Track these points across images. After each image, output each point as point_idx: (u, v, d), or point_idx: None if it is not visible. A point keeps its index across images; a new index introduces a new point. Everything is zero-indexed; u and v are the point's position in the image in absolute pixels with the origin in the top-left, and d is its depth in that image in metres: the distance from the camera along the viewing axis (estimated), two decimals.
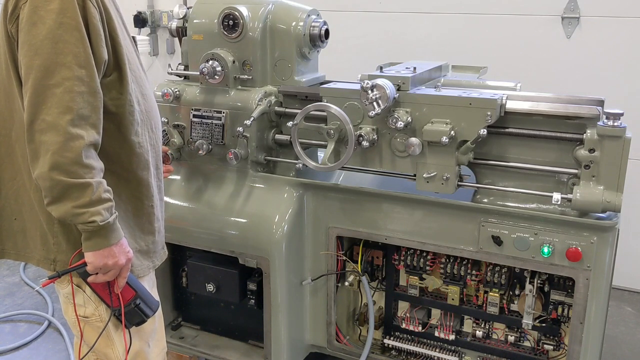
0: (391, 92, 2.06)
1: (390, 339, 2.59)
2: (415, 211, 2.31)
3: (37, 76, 1.43)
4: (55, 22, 1.44)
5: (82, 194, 1.44)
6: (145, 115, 1.68)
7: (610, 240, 2.05)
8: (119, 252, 1.55)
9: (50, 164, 1.41)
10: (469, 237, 2.22)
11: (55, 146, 1.41)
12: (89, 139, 1.46)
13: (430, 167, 2.14)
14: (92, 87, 1.48)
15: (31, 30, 1.44)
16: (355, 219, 2.41)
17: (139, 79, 1.68)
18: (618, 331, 3.26)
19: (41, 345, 3.07)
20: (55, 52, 1.43)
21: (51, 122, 1.42)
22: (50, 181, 1.42)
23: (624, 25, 3.37)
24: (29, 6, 1.45)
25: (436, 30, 3.79)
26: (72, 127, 1.43)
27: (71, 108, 1.43)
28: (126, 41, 1.65)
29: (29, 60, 1.44)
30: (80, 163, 1.43)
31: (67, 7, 1.45)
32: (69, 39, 1.45)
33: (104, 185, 1.50)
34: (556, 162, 2.11)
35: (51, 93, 1.43)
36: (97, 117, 1.50)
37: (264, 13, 2.43)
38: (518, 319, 2.31)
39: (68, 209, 1.45)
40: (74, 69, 1.44)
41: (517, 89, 2.38)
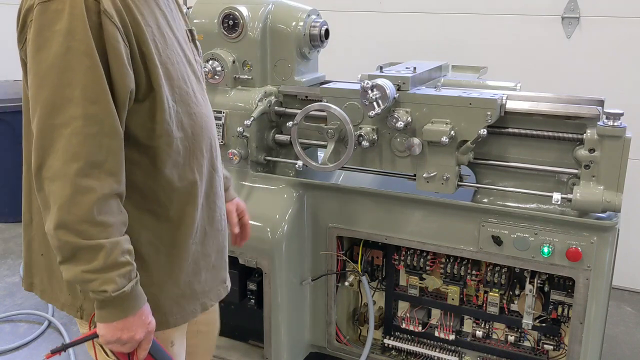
0: (391, 92, 2.06)
1: (390, 339, 2.59)
2: (415, 211, 2.31)
3: (42, 113, 1.21)
4: (62, 47, 1.19)
5: (93, 257, 1.22)
6: (191, 140, 1.42)
7: (610, 240, 2.05)
8: (136, 325, 1.31)
9: (56, 221, 1.21)
10: (469, 237, 2.22)
11: (62, 200, 1.20)
12: (103, 191, 1.22)
13: (430, 167, 2.14)
14: (108, 126, 1.23)
15: (36, 56, 1.22)
16: (355, 219, 2.41)
17: (185, 96, 1.41)
18: (618, 331, 3.26)
19: (41, 345, 3.07)
20: (61, 84, 1.20)
21: (58, 170, 1.20)
22: (57, 240, 1.22)
23: (624, 25, 3.36)
24: (34, 26, 1.22)
25: (436, 30, 3.78)
26: (80, 178, 1.20)
27: (79, 155, 1.20)
28: (168, 50, 1.37)
29: (35, 93, 1.23)
30: (91, 221, 1.21)
31: (76, 28, 1.19)
32: (77, 67, 1.20)
33: (122, 245, 1.27)
34: (556, 162, 2.11)
35: (58, 134, 1.20)
36: (116, 161, 1.25)
37: (264, 13, 2.43)
38: (518, 319, 2.31)
39: (77, 273, 1.24)
40: (83, 105, 1.20)
41: (517, 89, 2.38)
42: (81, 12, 1.20)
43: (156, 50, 1.32)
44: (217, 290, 1.62)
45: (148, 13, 1.33)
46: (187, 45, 1.48)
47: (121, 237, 1.27)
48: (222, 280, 1.64)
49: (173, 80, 1.37)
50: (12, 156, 4.57)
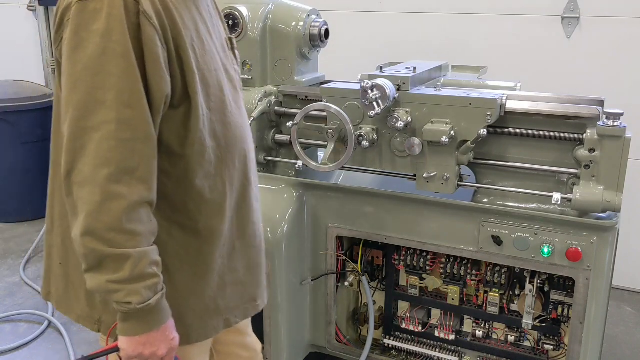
0: (391, 92, 2.06)
1: (390, 339, 2.59)
2: (415, 211, 2.31)
3: (74, 115, 1.17)
4: (98, 48, 1.16)
5: (120, 267, 1.18)
6: (223, 150, 1.37)
7: (610, 240, 2.05)
8: (159, 340, 1.26)
9: (84, 228, 1.16)
10: (469, 237, 2.22)
11: (90, 206, 1.16)
12: (133, 198, 1.18)
13: (430, 167, 2.14)
14: (142, 132, 1.19)
15: (71, 56, 1.18)
16: (355, 219, 2.41)
17: (221, 104, 1.36)
18: (618, 331, 3.26)
19: (41, 345, 3.07)
20: (95, 86, 1.16)
21: (88, 175, 1.16)
22: (83, 248, 1.18)
23: (624, 25, 3.37)
24: (71, 25, 1.18)
25: (436, 30, 3.79)
26: (110, 184, 1.15)
27: (110, 160, 1.16)
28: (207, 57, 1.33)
29: (68, 94, 1.19)
30: (119, 229, 1.16)
31: (114, 28, 1.16)
32: (112, 70, 1.16)
33: (150, 256, 1.22)
34: (556, 162, 2.11)
35: (89, 138, 1.16)
36: (148, 168, 1.21)
37: (264, 13, 2.43)
38: (518, 319, 2.31)
39: (101, 283, 1.19)
40: (117, 109, 1.16)
41: (517, 89, 2.38)
42: (119, 12, 1.17)
43: (194, 56, 1.27)
44: (245, 307, 1.54)
45: (188, 17, 1.28)
46: (225, 54, 1.44)
47: (149, 248, 1.23)
48: (252, 298, 1.55)
49: (209, 87, 1.32)
50: (12, 156, 4.57)
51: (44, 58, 5.15)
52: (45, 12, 5.01)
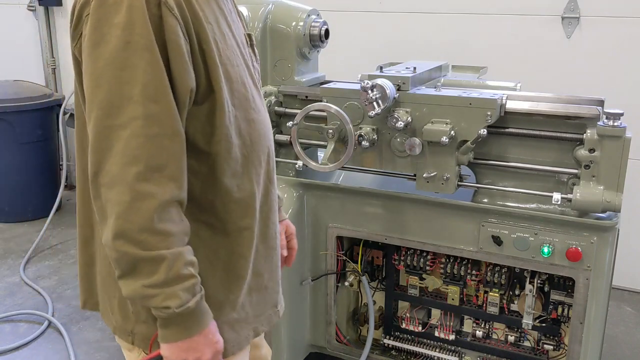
0: (391, 92, 2.06)
1: (390, 339, 2.59)
2: (415, 211, 2.31)
3: (99, 114, 1.11)
4: (120, 41, 1.10)
5: (155, 269, 1.12)
6: (249, 148, 1.31)
7: (610, 240, 2.05)
8: (202, 344, 1.20)
9: (115, 230, 1.10)
10: (469, 237, 2.22)
11: (120, 207, 1.10)
12: (164, 197, 1.12)
13: (430, 167, 2.14)
14: (170, 127, 1.13)
15: (92, 53, 1.12)
16: (355, 219, 2.41)
17: (244, 101, 1.30)
18: (618, 331, 3.26)
19: (41, 345, 3.07)
20: (119, 81, 1.10)
21: (116, 175, 1.10)
22: (115, 252, 1.11)
23: (624, 25, 3.37)
24: (91, 20, 1.12)
25: (436, 30, 3.79)
26: (140, 183, 1.10)
27: (138, 157, 1.10)
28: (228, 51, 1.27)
29: (91, 93, 1.13)
30: (152, 229, 1.10)
31: (136, 20, 1.10)
32: (137, 63, 1.10)
33: (185, 256, 1.15)
34: (556, 162, 2.11)
35: (116, 137, 1.10)
36: (177, 165, 1.15)
37: (264, 13, 2.43)
38: (518, 319, 2.31)
39: (137, 288, 1.13)
40: (143, 104, 1.10)
41: (517, 89, 2.38)
42: (140, 3, 1.11)
43: (216, 49, 1.22)
44: (268, 314, 1.46)
45: (209, 11, 1.23)
46: (245, 50, 1.39)
47: (183, 248, 1.16)
48: (274, 303, 1.48)
49: (232, 82, 1.26)
50: (12, 156, 4.57)
51: (44, 58, 5.15)
52: (45, 12, 5.01)
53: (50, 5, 4.98)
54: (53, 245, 4.21)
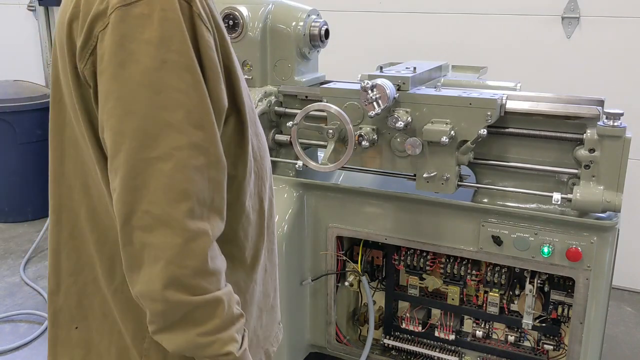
0: (391, 92, 2.06)
1: (390, 339, 2.59)
2: (415, 211, 2.31)
3: (132, 146, 0.94)
4: (155, 61, 0.94)
5: (211, 315, 0.98)
6: (259, 164, 1.20)
7: (610, 240, 2.05)
8: None
9: (166, 279, 0.94)
10: (469, 237, 2.22)
11: (171, 252, 0.94)
12: (214, 232, 0.99)
13: (430, 167, 2.14)
14: (215, 156, 0.99)
15: (118, 75, 0.94)
16: (355, 219, 2.41)
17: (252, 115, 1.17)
18: (618, 331, 3.26)
19: (41, 345, 3.08)
20: (156, 107, 0.94)
21: (159, 215, 0.94)
22: (164, 303, 0.95)
23: (624, 25, 3.37)
24: (111, 35, 0.95)
25: (436, 30, 3.79)
26: (192, 221, 0.95)
27: (188, 192, 0.95)
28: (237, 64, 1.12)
29: (119, 123, 0.95)
30: (206, 271, 0.97)
31: (173, 36, 0.95)
32: (176, 85, 0.95)
33: (233, 295, 1.04)
34: (556, 162, 2.11)
35: (154, 171, 0.94)
36: (221, 197, 1.02)
37: (264, 13, 2.43)
38: (518, 319, 2.31)
39: (190, 339, 0.97)
40: (187, 131, 0.95)
41: (517, 89, 2.38)
42: (176, 15, 0.96)
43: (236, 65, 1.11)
44: (276, 333, 1.38)
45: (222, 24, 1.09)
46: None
47: (229, 285, 1.04)
48: (278, 320, 1.40)
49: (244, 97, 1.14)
50: (11, 156, 4.57)
51: (44, 58, 5.15)
52: (45, 12, 5.02)
53: (50, 5, 4.98)
54: None
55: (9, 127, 4.49)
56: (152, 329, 0.99)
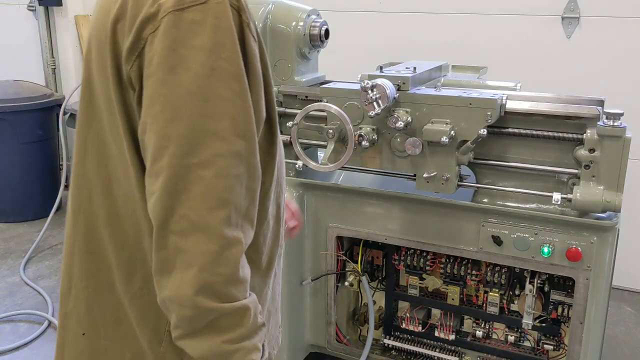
0: (391, 92, 2.06)
1: (390, 338, 2.59)
2: (415, 211, 2.31)
3: (176, 152, 0.94)
4: (205, 67, 0.94)
5: (238, 323, 0.98)
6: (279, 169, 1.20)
7: (610, 240, 2.05)
8: None
9: (198, 285, 0.94)
10: (469, 237, 2.22)
11: (205, 258, 0.94)
12: (246, 241, 1.00)
13: (430, 167, 2.14)
14: (252, 166, 1.01)
15: (167, 80, 0.95)
16: (355, 219, 2.41)
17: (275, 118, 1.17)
18: (618, 331, 3.26)
19: (41, 345, 3.07)
20: (203, 114, 0.95)
21: (197, 221, 0.94)
22: (194, 309, 0.95)
23: (624, 25, 3.37)
24: (162, 39, 0.94)
25: (436, 30, 3.79)
26: (228, 229, 0.96)
27: (226, 200, 0.96)
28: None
29: (164, 127, 0.95)
30: (237, 279, 0.97)
31: (224, 44, 0.95)
32: (224, 93, 0.95)
33: (258, 302, 1.05)
34: (556, 162, 2.11)
35: (195, 177, 0.94)
36: (254, 206, 1.04)
37: (263, 13, 2.43)
38: (518, 319, 2.31)
39: (215, 346, 0.97)
40: (230, 140, 0.96)
41: (517, 89, 2.38)
42: (228, 24, 0.96)
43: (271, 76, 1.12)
44: (276, 336, 1.38)
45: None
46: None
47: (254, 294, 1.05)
48: (280, 324, 1.40)
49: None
50: (12, 156, 4.57)
51: (44, 58, 5.15)
52: (45, 12, 5.01)
53: (50, 5, 4.97)
54: (53, 245, 4.21)
55: (9, 127, 4.49)
56: (176, 334, 0.99)
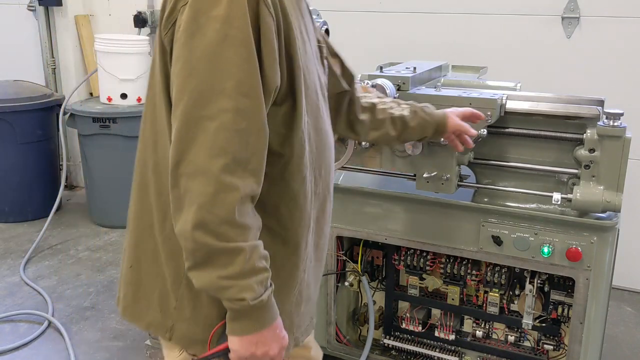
0: (391, 92, 2.06)
1: (390, 339, 2.59)
2: (415, 211, 2.31)
3: (188, 103, 1.12)
4: (218, 34, 1.11)
5: (231, 261, 1.12)
6: (315, 156, 1.32)
7: (610, 240, 2.05)
8: (270, 339, 1.21)
9: (195, 221, 1.10)
10: (469, 237, 2.22)
11: (203, 198, 1.09)
12: (245, 191, 1.13)
13: (430, 167, 2.14)
14: (257, 123, 1.14)
15: (188, 43, 1.12)
16: (355, 219, 2.41)
17: (315, 109, 1.31)
18: (618, 331, 3.26)
19: (41, 345, 3.07)
20: (213, 74, 1.11)
21: (200, 166, 1.10)
22: (193, 242, 1.11)
23: (624, 25, 3.37)
24: (189, 10, 1.13)
25: (436, 30, 3.79)
26: (225, 175, 1.10)
27: (226, 150, 1.10)
28: (306, 59, 1.28)
29: (182, 82, 1.13)
30: (232, 222, 1.11)
31: (235, 15, 1.11)
32: (232, 57, 1.11)
33: (259, 250, 1.17)
34: (556, 162, 2.11)
35: (204, 128, 1.11)
36: (259, 161, 1.17)
37: None
38: (518, 319, 2.31)
39: (212, 279, 1.13)
40: (235, 98, 1.11)
41: (517, 89, 2.38)
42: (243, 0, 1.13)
43: (300, 55, 1.24)
44: (307, 326, 1.49)
45: (294, 16, 1.25)
46: (317, 61, 1.41)
47: (258, 241, 1.17)
48: (312, 315, 1.51)
49: (308, 89, 1.28)
50: (12, 156, 4.57)
51: (44, 58, 5.15)
52: (45, 12, 5.01)
53: (50, 5, 4.97)
54: (53, 245, 4.21)
55: (9, 127, 4.49)
56: (186, 265, 1.14)
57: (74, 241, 4.26)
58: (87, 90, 5.12)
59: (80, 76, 5.09)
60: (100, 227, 4.50)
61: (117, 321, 3.28)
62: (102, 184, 4.47)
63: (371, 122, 1.74)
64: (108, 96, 4.41)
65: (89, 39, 5.01)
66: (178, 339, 1.31)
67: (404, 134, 1.77)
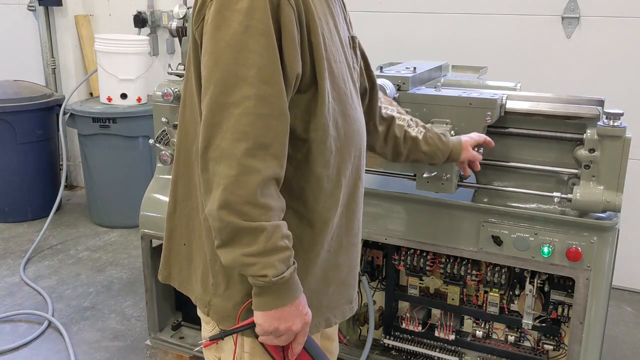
0: (391, 92, 2.06)
1: (390, 339, 2.58)
2: (415, 211, 2.31)
3: (215, 92, 1.20)
4: (241, 26, 1.19)
5: (254, 240, 1.20)
6: (343, 141, 1.38)
7: (610, 240, 2.05)
8: (293, 315, 1.27)
9: (220, 201, 1.18)
10: (469, 237, 2.22)
11: (227, 180, 1.18)
12: (267, 173, 1.20)
13: (430, 167, 2.14)
14: (278, 109, 1.22)
15: (214, 35, 1.21)
16: None
17: (343, 96, 1.38)
18: (618, 331, 3.26)
19: (41, 345, 3.07)
20: (236, 63, 1.19)
21: (225, 150, 1.19)
22: (219, 221, 1.20)
23: (624, 25, 3.37)
24: (215, 4, 1.22)
25: (436, 30, 3.79)
26: (247, 158, 1.18)
27: (248, 134, 1.19)
28: (333, 48, 1.35)
29: (209, 72, 1.22)
30: (254, 202, 1.19)
31: (257, 7, 1.20)
32: (254, 47, 1.19)
33: (282, 230, 1.24)
34: (556, 162, 2.11)
35: (228, 114, 1.19)
36: (281, 145, 1.24)
37: None
38: (518, 319, 2.31)
39: (237, 257, 1.21)
40: (256, 85, 1.19)
41: (517, 89, 2.38)
42: None
43: (323, 43, 1.31)
44: (343, 308, 1.54)
45: (320, 7, 1.33)
46: (348, 50, 1.47)
47: (281, 222, 1.24)
48: (349, 299, 1.56)
49: (334, 77, 1.34)
50: (12, 156, 4.57)
51: (44, 58, 5.15)
52: (45, 12, 5.01)
53: (50, 5, 4.97)
54: (53, 245, 4.21)
55: (9, 127, 4.49)
56: (215, 244, 1.23)
57: (74, 241, 4.26)
58: (87, 90, 5.12)
59: (80, 76, 5.09)
60: (100, 227, 4.51)
61: (117, 321, 3.28)
62: (102, 184, 4.47)
63: (385, 134, 1.77)
64: (108, 96, 4.41)
65: (89, 39, 5.01)
66: (213, 314, 1.38)
67: (412, 154, 1.82)
